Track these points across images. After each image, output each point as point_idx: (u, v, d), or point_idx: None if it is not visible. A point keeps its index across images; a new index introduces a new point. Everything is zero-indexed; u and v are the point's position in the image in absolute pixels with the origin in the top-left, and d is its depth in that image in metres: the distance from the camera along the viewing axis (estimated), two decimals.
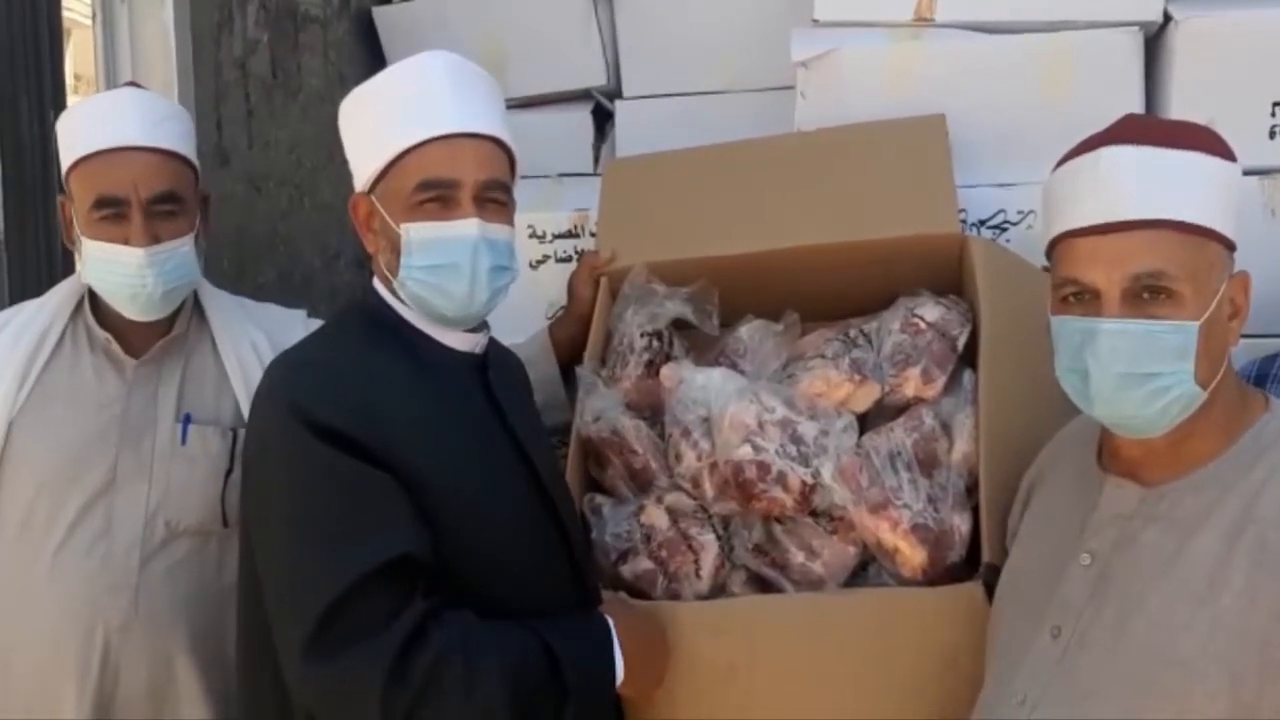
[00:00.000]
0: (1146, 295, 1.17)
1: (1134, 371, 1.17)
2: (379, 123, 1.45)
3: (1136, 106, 1.96)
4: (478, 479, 1.42)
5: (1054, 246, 1.26)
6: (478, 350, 1.52)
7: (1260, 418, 1.22)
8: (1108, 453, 1.30)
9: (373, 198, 1.45)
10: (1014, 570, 1.38)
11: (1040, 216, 1.34)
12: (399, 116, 1.43)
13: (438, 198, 1.41)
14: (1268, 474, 1.17)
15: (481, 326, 1.53)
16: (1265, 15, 1.92)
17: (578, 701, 1.36)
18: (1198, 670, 1.13)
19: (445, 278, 1.42)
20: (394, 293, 1.47)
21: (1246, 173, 1.89)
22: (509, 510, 1.44)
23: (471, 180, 1.42)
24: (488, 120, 1.46)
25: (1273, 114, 1.91)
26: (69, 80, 3.30)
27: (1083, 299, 1.21)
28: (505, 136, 1.47)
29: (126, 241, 1.68)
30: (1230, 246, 1.22)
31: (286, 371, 1.43)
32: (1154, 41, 2.02)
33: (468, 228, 1.41)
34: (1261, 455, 1.19)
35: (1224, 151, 1.22)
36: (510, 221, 1.49)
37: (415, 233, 1.41)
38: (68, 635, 1.66)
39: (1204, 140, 1.22)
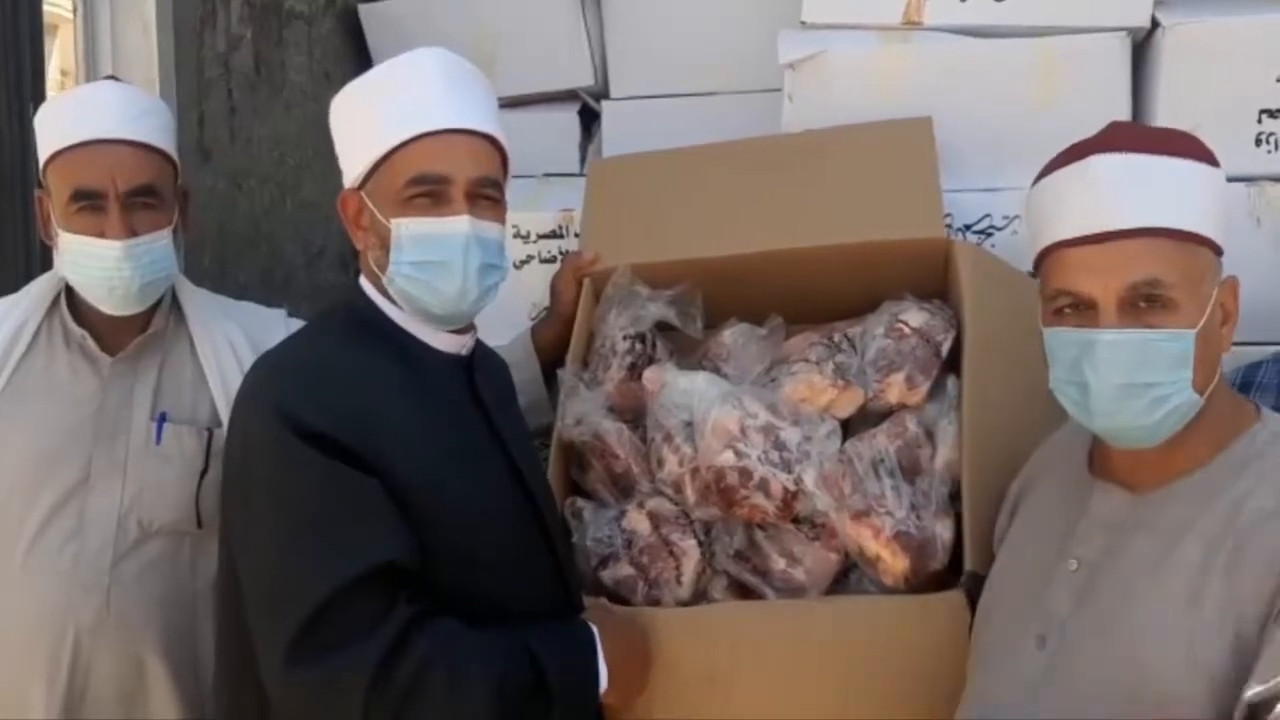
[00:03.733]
0: (1143, 304, 1.17)
1: (1134, 382, 1.16)
2: (371, 118, 1.43)
3: (1124, 112, 1.97)
4: (463, 482, 1.40)
5: (1043, 258, 1.25)
6: (464, 351, 1.50)
7: (1251, 426, 1.21)
8: (1098, 459, 1.30)
9: (363, 194, 1.44)
10: (1001, 575, 1.38)
11: (1025, 228, 1.33)
12: (391, 112, 1.42)
13: (429, 193, 1.40)
14: (1254, 483, 1.16)
15: (469, 327, 1.52)
16: (1252, 22, 1.92)
17: (562, 708, 1.35)
18: (1180, 680, 1.12)
19: (435, 275, 1.40)
20: (382, 291, 1.45)
21: (1233, 180, 1.90)
22: (494, 513, 1.43)
23: (464, 176, 1.40)
24: (481, 117, 1.45)
25: (1259, 121, 1.92)
26: (55, 76, 3.27)
27: (1078, 310, 1.20)
28: (498, 134, 1.46)
29: (103, 234, 1.66)
30: (1219, 252, 1.22)
31: (271, 373, 1.41)
32: (1142, 47, 2.02)
33: (459, 224, 1.40)
34: (1249, 464, 1.18)
35: (1210, 158, 1.22)
36: (501, 220, 1.48)
37: (406, 228, 1.40)
38: (38, 635, 1.64)
39: (1190, 147, 1.22)
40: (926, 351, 1.64)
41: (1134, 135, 1.24)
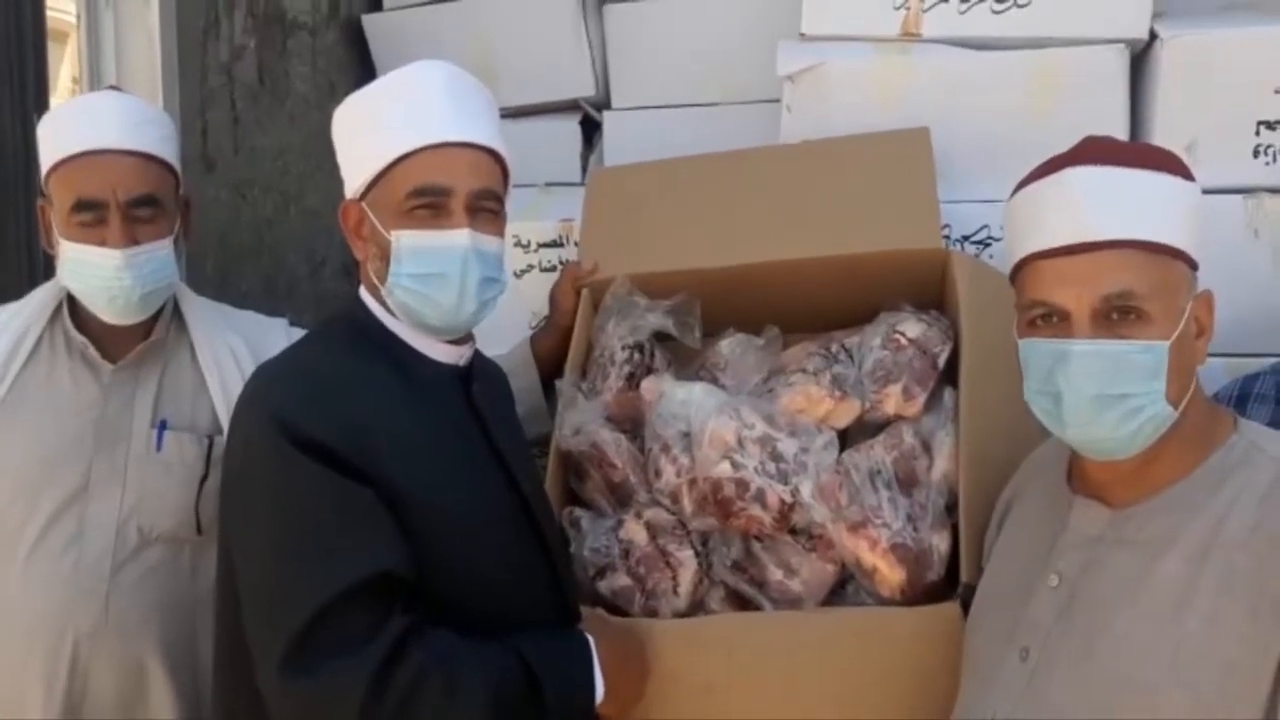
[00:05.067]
0: (1116, 316, 1.17)
1: (1107, 393, 1.16)
2: (373, 130, 1.44)
3: (1121, 123, 1.97)
4: (460, 492, 1.41)
5: (1019, 269, 1.26)
6: (462, 362, 1.51)
7: (1229, 438, 1.21)
8: (1077, 474, 1.30)
9: (363, 205, 1.45)
10: (986, 590, 1.38)
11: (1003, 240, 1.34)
12: (393, 124, 1.42)
13: (429, 205, 1.40)
14: (1235, 495, 1.16)
15: (467, 338, 1.52)
16: (1251, 34, 1.92)
17: (557, 719, 1.35)
18: (1163, 695, 1.12)
19: (434, 287, 1.41)
20: (381, 302, 1.46)
21: (1230, 191, 1.91)
22: (491, 523, 1.43)
23: (464, 189, 1.41)
24: (482, 130, 1.45)
25: (1257, 133, 1.91)
26: (66, 83, 3.28)
27: (1051, 321, 1.21)
28: (500, 147, 1.47)
29: (104, 243, 1.67)
30: (1194, 265, 1.22)
31: (270, 382, 1.42)
32: (1140, 59, 2.02)
33: (459, 237, 1.40)
34: (1228, 476, 1.18)
35: (1184, 171, 1.23)
36: (501, 233, 1.48)
37: (405, 240, 1.40)
38: (37, 641, 1.65)
39: (1165, 161, 1.23)
40: (923, 363, 1.64)
41: (1109, 149, 1.24)
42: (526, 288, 2.19)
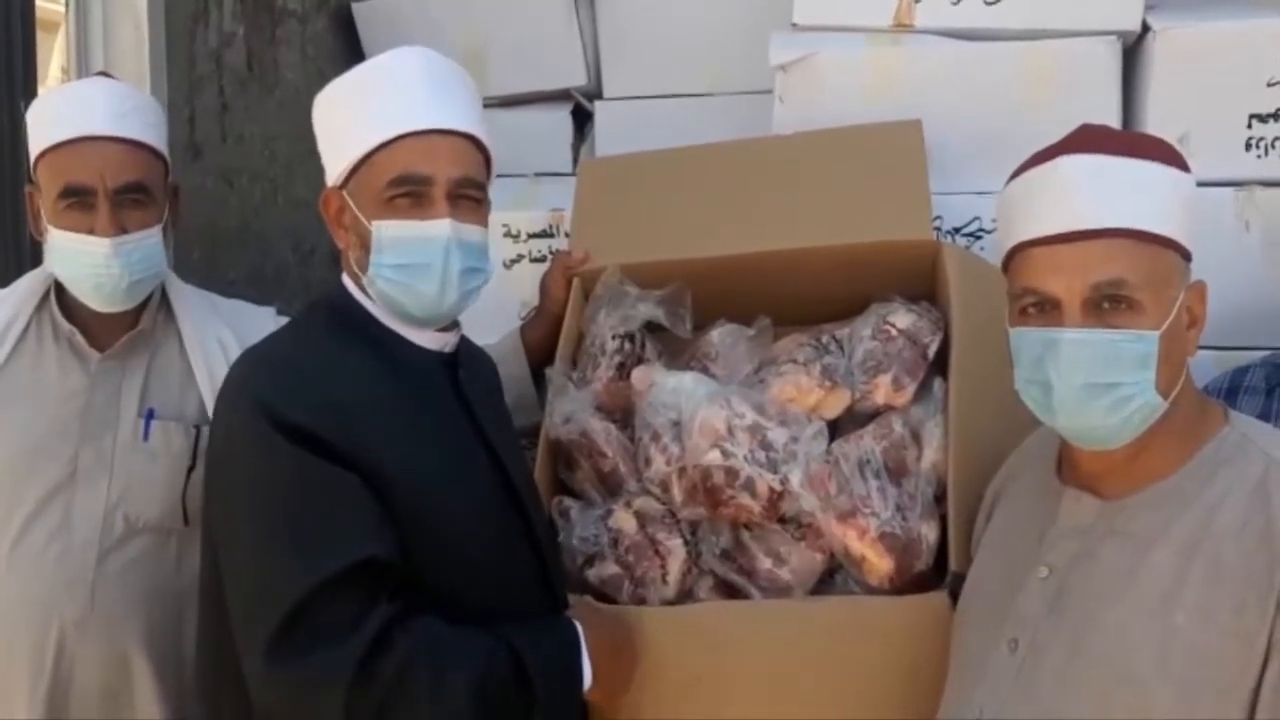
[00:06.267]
0: (1107, 305, 1.17)
1: (1096, 382, 1.16)
2: (353, 117, 1.43)
3: (1114, 116, 1.97)
4: (446, 479, 1.40)
5: (1011, 257, 1.26)
6: (448, 349, 1.50)
7: (1219, 430, 1.21)
8: (1067, 465, 1.30)
9: (344, 193, 1.44)
10: (975, 581, 1.38)
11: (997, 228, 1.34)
12: (374, 111, 1.41)
13: (410, 194, 1.39)
14: (1225, 489, 1.16)
15: (452, 325, 1.51)
16: (1243, 27, 1.93)
17: (545, 707, 1.35)
18: (1152, 688, 1.12)
19: (415, 277, 1.40)
20: (364, 289, 1.45)
21: (1221, 184, 1.92)
22: (477, 511, 1.43)
23: (445, 177, 1.40)
24: (464, 117, 1.44)
25: (1249, 126, 1.92)
26: (56, 73, 3.27)
27: (1042, 309, 1.20)
28: (482, 134, 1.46)
29: (92, 231, 1.66)
30: (1187, 256, 1.21)
31: (253, 367, 1.41)
32: (1132, 51, 2.03)
33: (440, 227, 1.39)
34: (1219, 469, 1.18)
35: (1180, 162, 1.23)
36: (484, 222, 1.47)
37: (386, 230, 1.39)
38: (22, 631, 1.64)
39: (1160, 151, 1.23)
40: (913, 353, 1.64)
41: (1103, 137, 1.24)
42: (516, 278, 2.19)
